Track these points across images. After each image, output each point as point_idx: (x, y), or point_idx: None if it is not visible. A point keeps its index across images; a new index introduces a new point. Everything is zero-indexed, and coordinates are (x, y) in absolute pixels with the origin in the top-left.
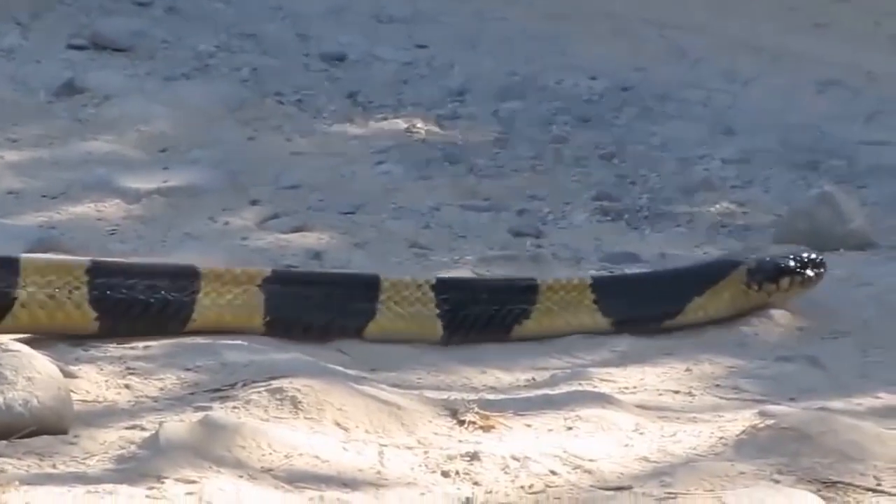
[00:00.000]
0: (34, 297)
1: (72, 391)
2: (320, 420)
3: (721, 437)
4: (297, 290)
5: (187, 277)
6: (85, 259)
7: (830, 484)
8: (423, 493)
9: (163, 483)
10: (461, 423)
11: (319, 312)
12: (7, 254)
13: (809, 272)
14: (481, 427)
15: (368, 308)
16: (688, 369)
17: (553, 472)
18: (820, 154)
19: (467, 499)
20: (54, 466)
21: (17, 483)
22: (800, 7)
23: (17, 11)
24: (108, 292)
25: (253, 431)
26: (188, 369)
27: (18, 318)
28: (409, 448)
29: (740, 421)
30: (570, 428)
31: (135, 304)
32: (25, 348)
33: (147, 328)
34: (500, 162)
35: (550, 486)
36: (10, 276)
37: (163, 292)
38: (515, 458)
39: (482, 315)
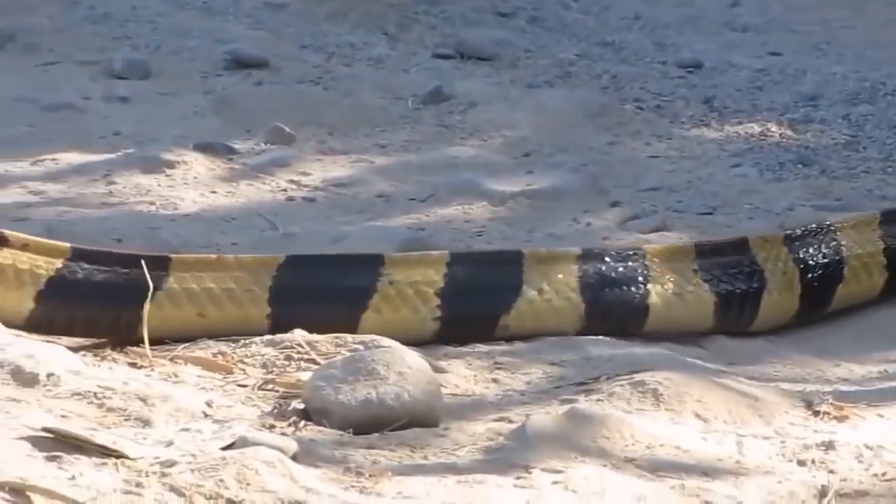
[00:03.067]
0: None
1: (441, 385)
2: (680, 411)
3: None
4: None
5: None
6: None
7: None
8: (780, 482)
9: (530, 473)
10: (816, 413)
11: None
12: None
13: None
14: (835, 417)
15: None
16: None
17: None
18: None
19: (822, 486)
20: (425, 458)
21: (389, 473)
22: None
23: (385, 23)
24: None
25: (617, 422)
26: (553, 364)
27: None
28: (767, 438)
29: None
30: None
31: None
32: (396, 345)
33: None
34: (851, 164)
35: None
36: None
37: None
38: (869, 448)
39: None
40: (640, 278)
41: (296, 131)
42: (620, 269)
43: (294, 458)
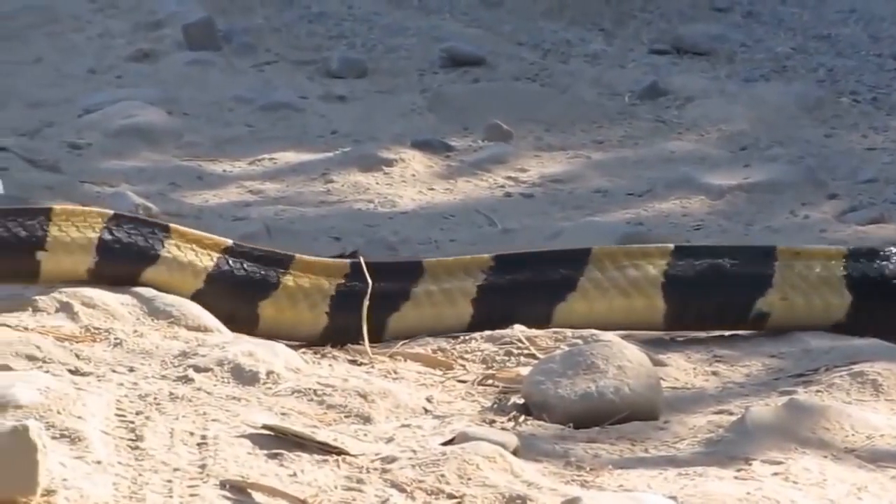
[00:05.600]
0: None
1: (661, 378)
2: None
3: None
4: None
5: None
6: None
7: None
8: None
9: (750, 464)
10: None
11: None
12: None
13: None
14: None
15: None
16: None
17: None
18: None
19: None
20: (646, 450)
21: (610, 467)
22: None
23: (601, 19)
24: None
25: (837, 413)
26: (772, 356)
27: None
28: None
29: None
30: None
31: None
32: (616, 338)
33: None
34: None
35: None
36: None
37: None
38: None
39: None
40: None
41: (513, 128)
42: None
43: (515, 452)
